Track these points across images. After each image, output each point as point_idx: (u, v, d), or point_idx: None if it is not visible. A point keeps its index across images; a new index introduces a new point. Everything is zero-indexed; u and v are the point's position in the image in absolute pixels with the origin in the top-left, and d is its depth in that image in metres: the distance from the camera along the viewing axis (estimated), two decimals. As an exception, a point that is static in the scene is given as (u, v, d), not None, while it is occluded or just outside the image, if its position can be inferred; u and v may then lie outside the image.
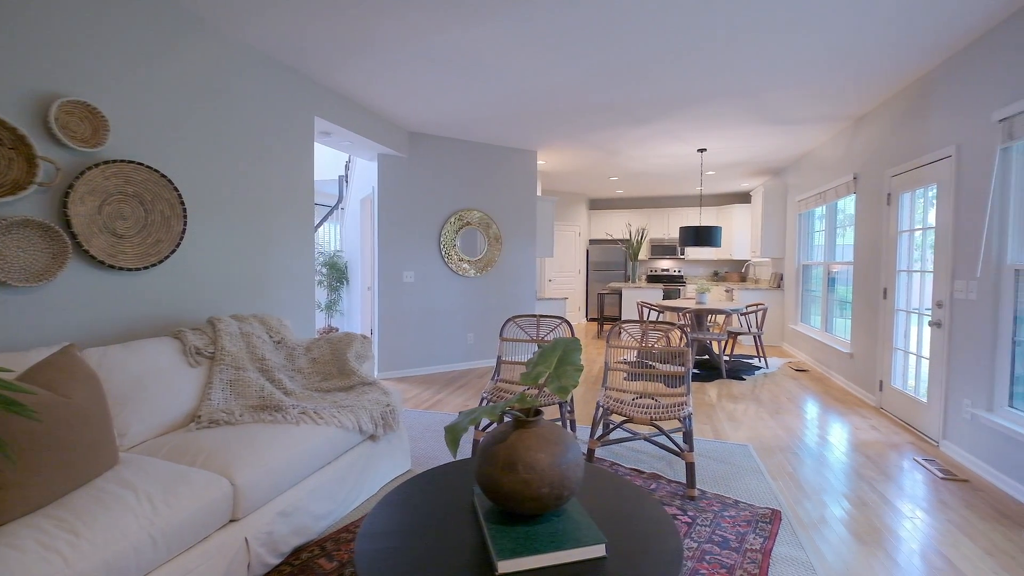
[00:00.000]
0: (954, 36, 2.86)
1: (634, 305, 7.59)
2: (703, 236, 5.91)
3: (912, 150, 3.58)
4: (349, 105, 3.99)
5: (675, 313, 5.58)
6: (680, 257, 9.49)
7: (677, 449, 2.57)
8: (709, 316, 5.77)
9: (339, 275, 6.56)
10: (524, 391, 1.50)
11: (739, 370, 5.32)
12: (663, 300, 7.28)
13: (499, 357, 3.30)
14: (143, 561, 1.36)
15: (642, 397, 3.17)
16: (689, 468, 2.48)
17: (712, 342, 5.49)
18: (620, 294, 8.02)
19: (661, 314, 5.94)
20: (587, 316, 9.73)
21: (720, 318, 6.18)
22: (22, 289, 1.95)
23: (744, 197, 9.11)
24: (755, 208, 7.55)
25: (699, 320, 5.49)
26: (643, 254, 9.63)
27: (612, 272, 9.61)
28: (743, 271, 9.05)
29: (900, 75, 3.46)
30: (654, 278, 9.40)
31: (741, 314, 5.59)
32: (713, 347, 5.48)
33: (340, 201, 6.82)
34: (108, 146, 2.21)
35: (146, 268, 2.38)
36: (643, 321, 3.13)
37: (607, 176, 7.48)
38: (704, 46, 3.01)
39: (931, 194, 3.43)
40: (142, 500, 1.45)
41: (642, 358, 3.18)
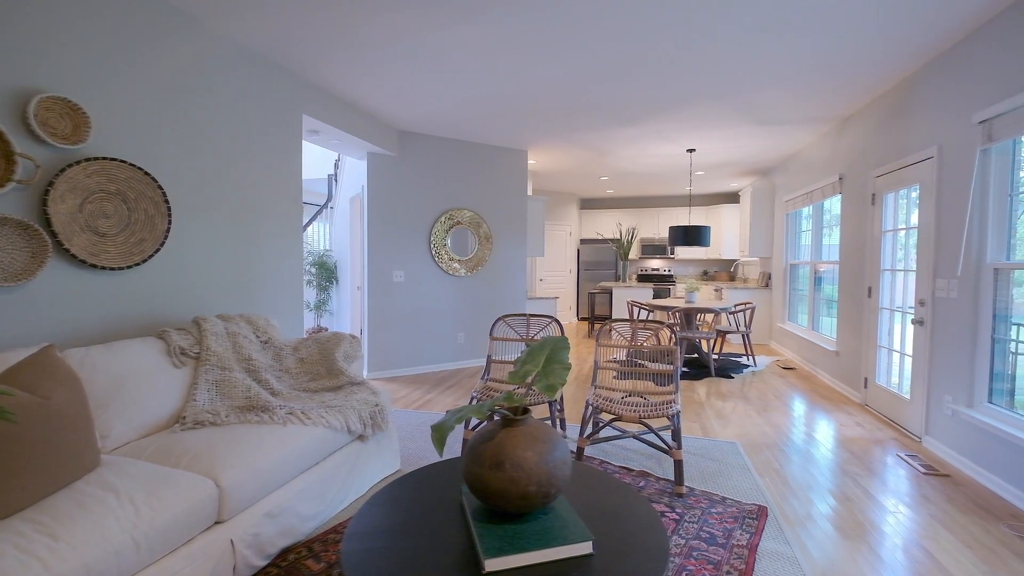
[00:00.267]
0: (936, 39, 2.91)
1: (624, 304, 7.63)
2: (692, 236, 5.96)
3: (896, 151, 3.64)
4: (338, 103, 3.96)
5: (665, 312, 5.62)
6: (670, 257, 9.55)
7: (666, 447, 2.59)
8: (698, 315, 5.82)
9: (328, 275, 6.51)
10: (512, 390, 1.51)
11: (727, 368, 5.37)
12: (653, 299, 7.32)
13: (489, 356, 3.30)
14: (125, 564, 1.34)
15: (631, 395, 3.19)
16: (677, 465, 2.50)
17: (701, 341, 5.54)
18: (611, 293, 8.05)
19: (651, 313, 5.98)
20: (578, 315, 9.76)
21: (709, 317, 6.23)
22: (0, 289, 1.91)
23: (733, 197, 9.20)
24: (743, 208, 7.63)
25: (688, 319, 5.54)
26: (633, 254, 9.69)
27: (603, 271, 9.65)
28: (732, 270, 9.13)
29: (884, 77, 3.51)
30: (644, 277, 9.45)
31: (730, 313, 5.64)
32: (702, 346, 5.53)
33: (329, 200, 6.77)
34: (90, 143, 2.18)
35: (129, 267, 2.34)
36: (633, 320, 3.15)
37: (597, 176, 7.51)
38: (692, 47, 3.04)
39: (914, 195, 3.48)
40: (124, 502, 1.43)
41: (632, 357, 3.20)
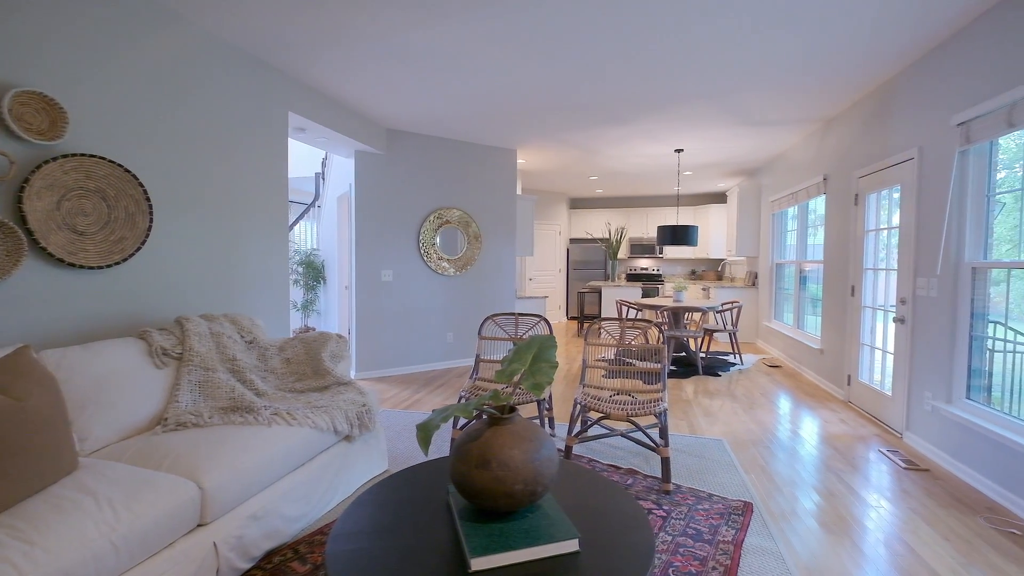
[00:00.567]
0: (917, 42, 2.97)
1: (614, 303, 7.66)
2: (680, 235, 6.01)
3: (878, 152, 3.70)
4: (325, 101, 3.92)
5: (653, 311, 5.66)
6: (658, 256, 9.62)
7: (653, 444, 2.60)
8: (686, 314, 5.86)
9: (316, 274, 6.45)
10: (500, 388, 1.50)
11: (715, 367, 5.43)
12: (642, 298, 7.38)
13: (478, 356, 3.29)
14: (104, 569, 1.32)
15: (620, 394, 3.20)
16: (664, 463, 2.52)
17: (689, 339, 5.58)
18: (600, 293, 8.09)
19: (640, 312, 6.02)
20: (567, 314, 9.79)
21: (697, 316, 6.29)
22: (-27, 288, 1.86)
23: (720, 197, 9.29)
24: (731, 208, 7.72)
25: (676, 318, 5.58)
26: (622, 253, 9.74)
27: (592, 271, 9.68)
28: (719, 270, 9.23)
29: (867, 78, 3.57)
30: (633, 277, 9.51)
31: (717, 312, 5.70)
32: (690, 344, 5.58)
33: (317, 199, 6.70)
34: (67, 139, 2.13)
35: (109, 266, 2.29)
36: (622, 319, 3.16)
37: (586, 175, 7.54)
38: (680, 47, 3.06)
39: (896, 195, 3.55)
40: (102, 505, 1.40)
41: (620, 356, 3.22)
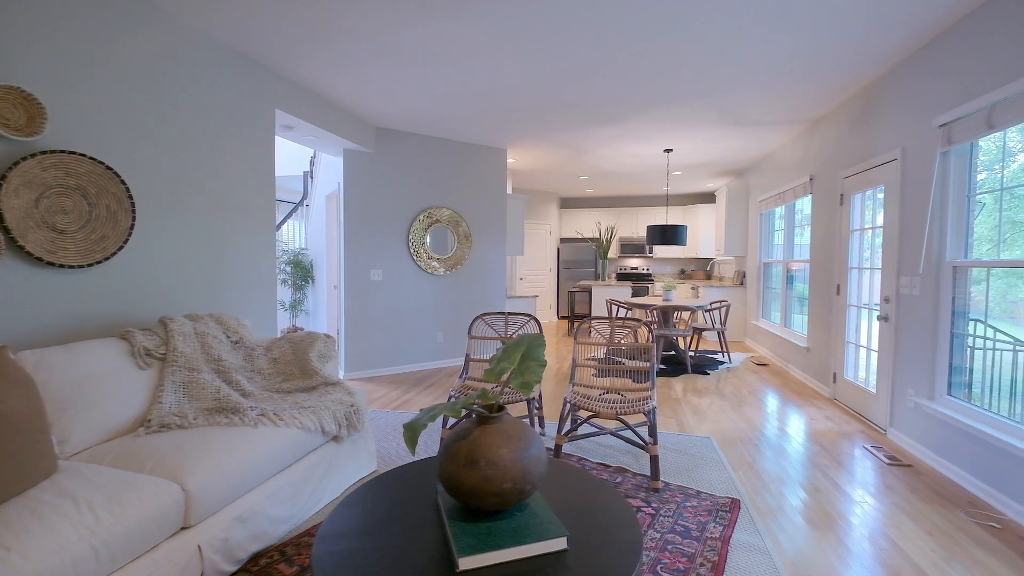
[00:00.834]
0: (902, 43, 3.01)
1: (604, 303, 7.69)
2: (670, 235, 6.05)
3: (863, 153, 3.76)
4: (313, 98, 3.89)
5: (643, 310, 5.69)
6: (648, 255, 9.68)
7: (642, 443, 2.61)
8: (675, 313, 5.90)
9: (304, 274, 6.39)
10: (489, 388, 1.50)
11: (704, 365, 5.47)
12: (632, 298, 7.42)
13: (468, 355, 3.29)
14: (83, 573, 1.29)
15: (609, 392, 3.21)
16: (653, 461, 2.53)
17: (678, 338, 5.62)
18: (590, 292, 8.11)
19: (630, 311, 6.05)
20: (558, 314, 9.81)
21: (686, 315, 6.34)
22: (-52, 287, 1.81)
23: (709, 197, 9.37)
24: (719, 208, 7.79)
25: (666, 317, 5.62)
26: (612, 252, 9.78)
27: (582, 270, 9.71)
28: (708, 269, 9.31)
29: (852, 80, 3.62)
30: (623, 276, 9.56)
31: (706, 311, 5.75)
32: (679, 343, 5.62)
33: (305, 198, 6.64)
34: (46, 135, 2.08)
35: (91, 265, 2.25)
36: (612, 318, 3.17)
37: (577, 175, 7.56)
38: (669, 47, 3.07)
39: (880, 195, 3.60)
40: (82, 509, 1.37)
41: (610, 355, 3.23)
